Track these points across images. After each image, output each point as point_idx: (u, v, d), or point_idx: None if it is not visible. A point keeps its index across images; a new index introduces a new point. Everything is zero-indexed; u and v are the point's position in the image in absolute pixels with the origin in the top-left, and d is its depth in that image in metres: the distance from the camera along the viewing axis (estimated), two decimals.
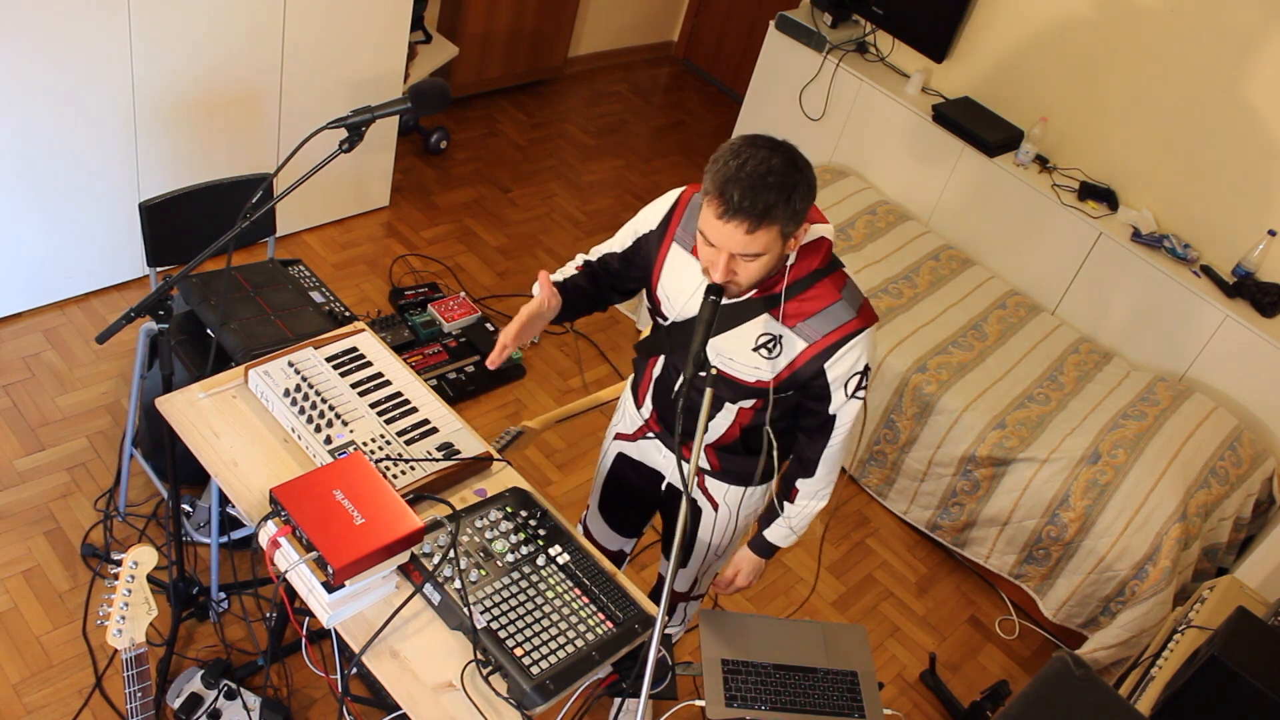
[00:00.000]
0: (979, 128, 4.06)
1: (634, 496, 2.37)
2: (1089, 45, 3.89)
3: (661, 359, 2.09)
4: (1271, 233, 3.59)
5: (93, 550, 2.76)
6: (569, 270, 2.13)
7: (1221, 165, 3.67)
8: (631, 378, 2.26)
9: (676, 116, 5.59)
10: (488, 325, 3.83)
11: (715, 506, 2.22)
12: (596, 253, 2.13)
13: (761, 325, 1.88)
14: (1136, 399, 3.51)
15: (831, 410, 1.96)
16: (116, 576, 1.76)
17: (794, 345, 1.88)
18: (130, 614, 1.78)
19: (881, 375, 3.52)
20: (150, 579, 1.81)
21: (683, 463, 2.10)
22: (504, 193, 4.60)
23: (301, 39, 3.46)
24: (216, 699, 2.43)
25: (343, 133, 1.92)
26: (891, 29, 4.34)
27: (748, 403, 1.99)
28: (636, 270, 2.06)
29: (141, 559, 1.76)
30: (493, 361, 1.88)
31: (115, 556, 2.70)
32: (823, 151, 4.56)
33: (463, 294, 3.92)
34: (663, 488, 2.29)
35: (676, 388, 2.06)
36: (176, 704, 2.42)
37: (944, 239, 4.19)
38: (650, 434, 2.22)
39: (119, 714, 2.47)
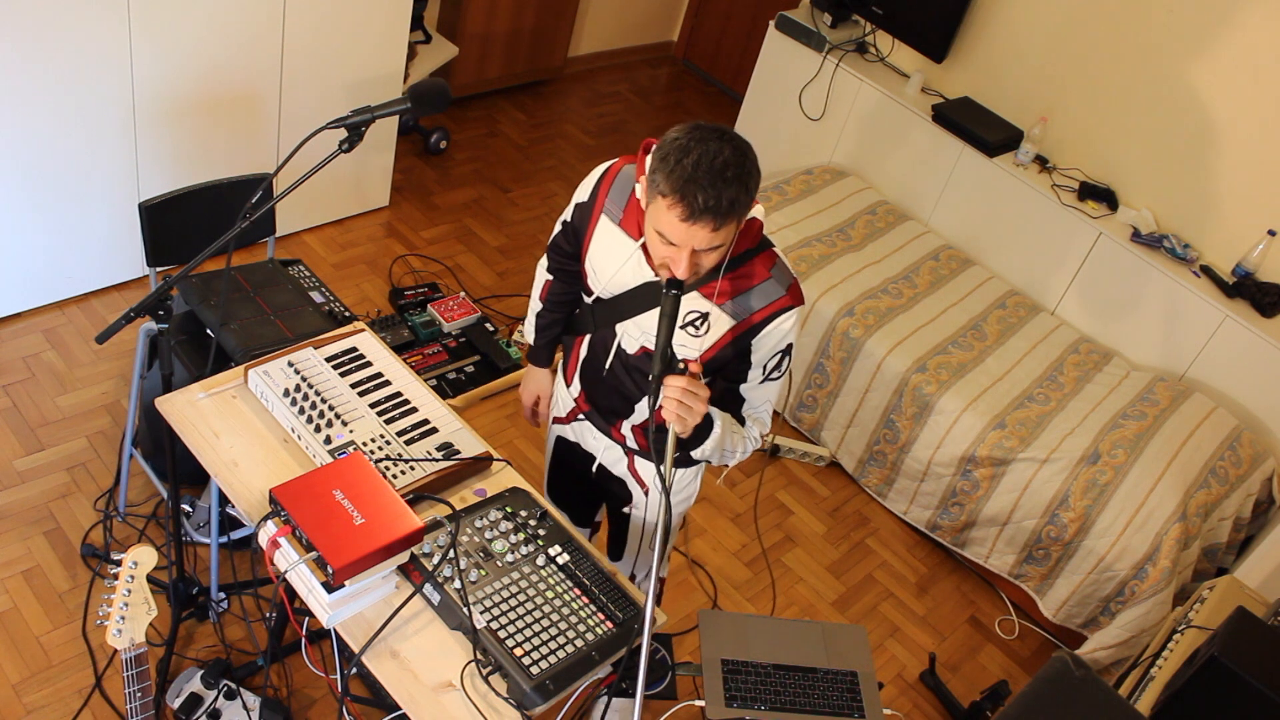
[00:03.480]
0: (979, 128, 4.06)
1: (576, 481, 2.36)
2: (1088, 45, 3.89)
3: (587, 338, 2.07)
4: (1271, 233, 3.59)
5: (93, 550, 2.76)
6: (535, 305, 2.24)
7: (1221, 165, 3.67)
8: (560, 359, 2.25)
9: (676, 116, 5.58)
10: (487, 325, 3.83)
11: (645, 489, 2.21)
12: (556, 227, 2.14)
13: (690, 302, 1.87)
14: (1136, 399, 3.51)
15: (743, 389, 1.94)
16: (116, 576, 1.76)
17: (722, 323, 1.87)
18: (130, 614, 1.78)
19: (881, 375, 3.52)
20: (150, 579, 1.81)
21: (649, 442, 2.09)
22: (504, 193, 4.60)
23: (301, 39, 3.46)
24: (216, 699, 2.43)
25: (342, 133, 1.92)
26: (891, 29, 4.33)
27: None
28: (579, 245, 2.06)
29: (141, 559, 1.76)
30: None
31: (115, 556, 2.70)
32: (823, 151, 4.56)
33: (462, 294, 3.92)
34: (594, 469, 2.27)
35: (605, 368, 2.05)
36: (176, 704, 2.42)
37: (944, 239, 4.19)
38: (580, 415, 2.21)
39: (119, 714, 2.47)
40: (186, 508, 2.82)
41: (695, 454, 1.92)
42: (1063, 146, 4.07)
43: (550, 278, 2.21)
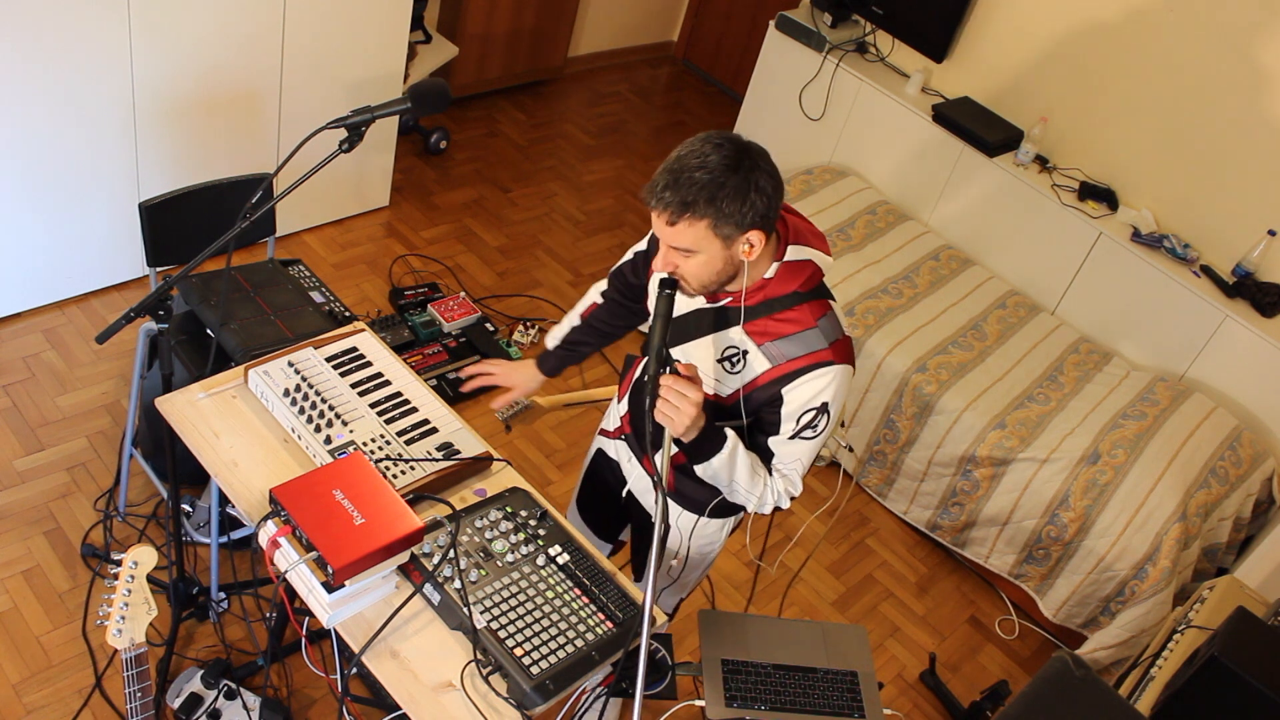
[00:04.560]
0: (979, 128, 4.06)
1: (606, 497, 2.35)
2: (1089, 45, 3.89)
3: (644, 360, 2.07)
4: (1271, 233, 3.59)
5: (93, 550, 2.76)
6: (572, 320, 2.24)
7: (1221, 165, 3.67)
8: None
9: (676, 116, 5.59)
10: (487, 325, 3.83)
11: (667, 529, 2.18)
12: (629, 253, 2.15)
13: (729, 337, 1.83)
14: (1136, 399, 3.51)
15: (771, 443, 1.86)
16: (116, 576, 1.76)
17: (757, 363, 1.81)
18: (130, 614, 1.78)
19: (881, 375, 3.52)
20: (150, 579, 1.81)
21: (657, 463, 2.07)
22: (504, 193, 4.60)
23: (301, 39, 3.46)
24: (216, 699, 2.43)
25: (343, 133, 1.92)
26: (891, 29, 4.34)
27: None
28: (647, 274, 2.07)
29: (141, 559, 1.76)
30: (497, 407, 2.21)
31: (115, 556, 2.70)
32: (823, 151, 4.56)
33: (463, 294, 3.92)
34: (624, 494, 2.25)
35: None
36: (176, 704, 2.42)
37: (944, 239, 4.19)
38: (623, 435, 2.20)
39: (119, 714, 2.47)
40: (186, 508, 2.82)
41: (699, 470, 1.84)
42: (1063, 146, 4.07)
43: (600, 301, 2.22)
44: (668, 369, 1.72)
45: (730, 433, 1.81)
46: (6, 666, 2.50)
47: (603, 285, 2.23)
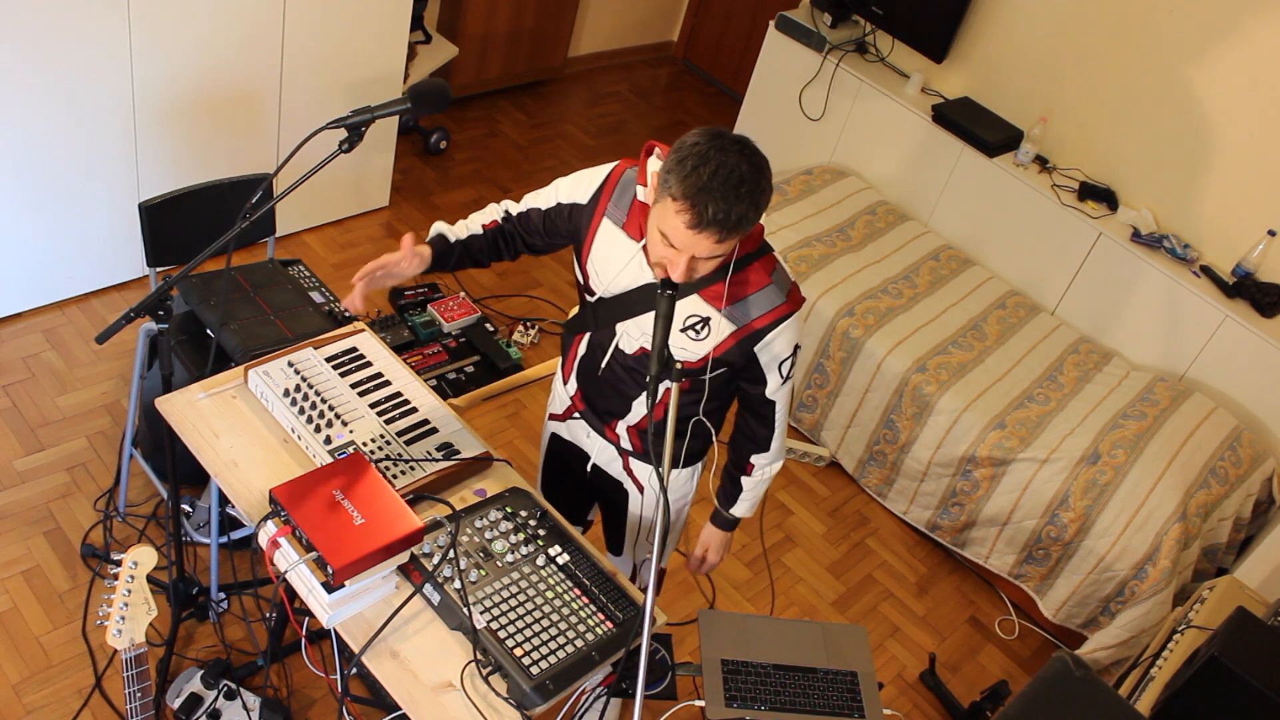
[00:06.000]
0: (979, 128, 4.06)
1: (570, 479, 2.36)
2: (1089, 45, 3.89)
3: (586, 337, 2.07)
4: (1271, 233, 3.59)
5: (92, 550, 2.76)
6: (474, 227, 2.09)
7: (1221, 165, 3.68)
8: (560, 357, 2.26)
9: (676, 116, 5.59)
10: (487, 325, 3.83)
11: (640, 489, 2.22)
12: (526, 203, 2.08)
13: (690, 306, 1.88)
14: (1136, 399, 3.51)
15: (769, 394, 2.01)
16: (116, 577, 1.76)
17: (722, 328, 1.88)
18: (130, 614, 1.78)
19: (881, 375, 3.52)
20: (150, 579, 1.81)
21: (644, 444, 2.13)
22: (504, 193, 4.60)
23: (301, 39, 3.46)
24: (216, 699, 2.43)
25: (342, 133, 1.92)
26: (891, 29, 4.34)
27: (671, 384, 1.87)
28: (559, 238, 2.06)
29: (141, 559, 1.76)
30: (352, 305, 1.84)
31: (115, 556, 2.70)
32: (823, 151, 4.56)
33: (462, 294, 3.92)
34: (588, 469, 2.27)
35: (602, 366, 2.06)
36: (176, 704, 2.42)
37: (944, 239, 4.19)
38: (576, 414, 2.21)
39: (119, 714, 2.47)
40: (186, 508, 2.82)
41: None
42: (1063, 146, 4.07)
43: (499, 223, 2.09)
44: (671, 369, 1.73)
45: (742, 502, 2.19)
46: (6, 666, 2.50)
47: (505, 210, 2.12)
